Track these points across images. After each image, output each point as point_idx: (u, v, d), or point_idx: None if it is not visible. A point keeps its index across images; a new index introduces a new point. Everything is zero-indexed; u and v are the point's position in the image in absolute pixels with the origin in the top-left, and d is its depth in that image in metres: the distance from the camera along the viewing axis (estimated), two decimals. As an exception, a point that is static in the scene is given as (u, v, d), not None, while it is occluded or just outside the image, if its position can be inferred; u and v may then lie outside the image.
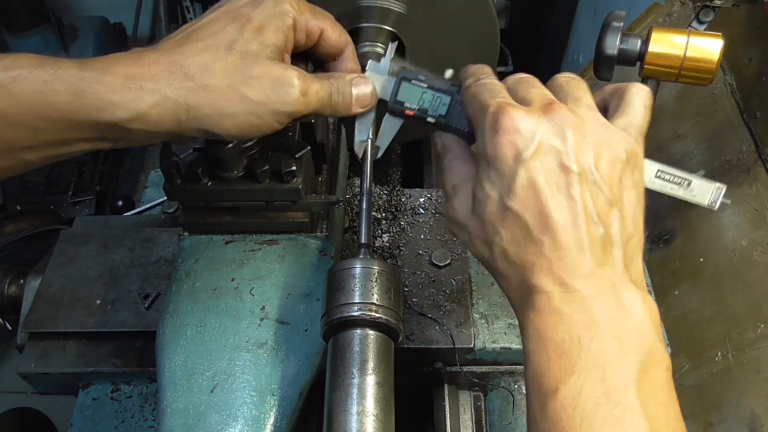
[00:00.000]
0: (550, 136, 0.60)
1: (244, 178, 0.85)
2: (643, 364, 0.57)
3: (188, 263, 0.91)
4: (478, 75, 0.70)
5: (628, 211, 0.62)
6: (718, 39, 0.84)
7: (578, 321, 0.58)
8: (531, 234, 0.60)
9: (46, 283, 1.11)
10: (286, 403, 0.81)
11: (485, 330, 1.08)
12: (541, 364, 0.59)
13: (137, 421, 1.06)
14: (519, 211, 0.60)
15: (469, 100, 0.68)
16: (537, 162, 0.59)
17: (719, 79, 1.40)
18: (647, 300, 0.61)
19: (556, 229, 0.59)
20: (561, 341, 0.58)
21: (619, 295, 0.59)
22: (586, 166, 0.60)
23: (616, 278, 0.60)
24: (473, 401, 1.12)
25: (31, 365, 1.05)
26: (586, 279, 0.59)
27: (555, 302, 0.59)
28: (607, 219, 0.60)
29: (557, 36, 2.77)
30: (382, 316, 0.74)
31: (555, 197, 0.59)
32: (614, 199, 0.61)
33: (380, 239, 1.19)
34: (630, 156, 0.62)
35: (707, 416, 1.17)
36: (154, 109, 0.63)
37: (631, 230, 0.62)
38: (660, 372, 0.59)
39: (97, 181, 2.60)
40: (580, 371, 0.56)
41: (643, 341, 0.58)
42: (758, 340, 1.14)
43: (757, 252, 1.21)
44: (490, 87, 0.67)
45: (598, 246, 0.59)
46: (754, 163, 1.28)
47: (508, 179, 0.60)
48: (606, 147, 0.61)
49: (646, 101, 0.67)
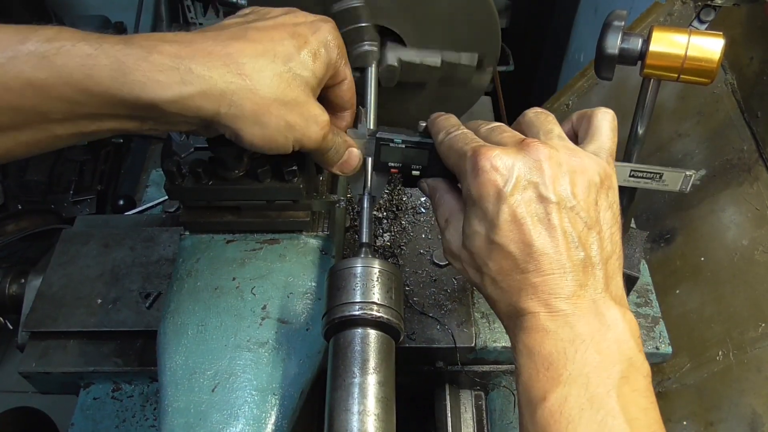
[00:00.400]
0: (526, 169, 0.64)
1: (245, 177, 0.85)
2: (623, 372, 0.61)
3: (189, 262, 0.91)
4: (447, 128, 0.74)
5: (605, 233, 0.66)
6: (719, 38, 0.83)
7: (563, 336, 0.62)
8: (517, 263, 0.64)
9: (47, 282, 1.11)
10: (287, 403, 0.81)
11: (486, 329, 1.08)
12: (530, 377, 0.63)
13: (138, 421, 1.06)
14: (504, 244, 0.64)
15: (446, 152, 0.73)
16: (517, 196, 0.63)
17: (720, 78, 1.40)
18: (627, 315, 0.65)
19: (540, 257, 0.63)
20: (548, 354, 0.62)
21: (601, 312, 0.63)
22: (564, 194, 0.64)
23: (596, 296, 0.64)
24: (474, 400, 1.13)
25: (32, 364, 1.06)
26: (569, 299, 0.63)
27: (541, 321, 0.63)
28: (586, 242, 0.64)
29: (558, 35, 2.77)
30: (383, 315, 0.74)
31: (536, 227, 0.63)
32: (592, 222, 0.65)
33: (381, 238, 1.19)
34: (603, 178, 0.67)
35: (708, 415, 1.17)
36: (200, 96, 0.63)
37: (609, 250, 0.66)
38: (640, 379, 0.62)
39: (98, 180, 2.60)
40: (566, 381, 0.61)
41: (623, 351, 0.62)
42: (759, 340, 1.14)
43: (758, 251, 1.21)
44: (462, 137, 0.71)
45: (580, 269, 0.63)
46: (755, 163, 1.27)
47: (492, 216, 0.64)
48: (580, 173, 0.65)
49: (612, 124, 0.71)
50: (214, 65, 0.64)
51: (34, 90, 0.59)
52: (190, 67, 0.63)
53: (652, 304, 1.16)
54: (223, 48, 0.65)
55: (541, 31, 2.91)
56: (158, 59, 0.62)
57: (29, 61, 0.58)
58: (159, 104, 0.62)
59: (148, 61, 0.61)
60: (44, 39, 0.59)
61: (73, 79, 0.59)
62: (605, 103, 0.79)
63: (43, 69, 0.58)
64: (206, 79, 0.63)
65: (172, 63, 0.62)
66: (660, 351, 1.11)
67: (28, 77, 0.58)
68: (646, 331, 1.13)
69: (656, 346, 1.11)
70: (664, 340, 1.11)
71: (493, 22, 1.11)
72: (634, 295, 1.17)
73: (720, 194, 1.33)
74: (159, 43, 0.63)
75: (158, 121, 0.66)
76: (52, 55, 0.58)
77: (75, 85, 0.60)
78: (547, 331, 0.63)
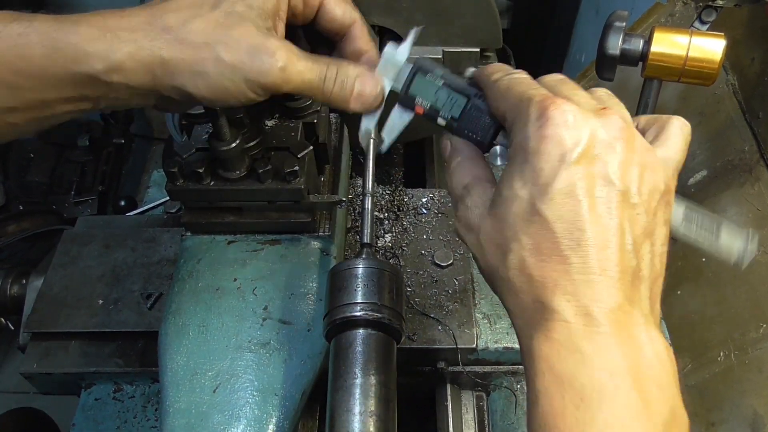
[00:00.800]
0: (600, 141, 0.53)
1: (246, 178, 0.85)
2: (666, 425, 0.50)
3: (191, 263, 0.91)
4: (507, 70, 0.63)
5: (658, 248, 0.56)
6: (720, 39, 0.84)
7: (601, 366, 0.50)
8: (559, 247, 0.52)
9: (49, 283, 1.11)
10: (289, 403, 0.81)
11: (488, 330, 1.08)
12: (554, 409, 0.51)
13: (139, 421, 1.06)
14: (550, 218, 0.52)
15: (501, 92, 0.60)
16: (582, 167, 0.52)
17: (721, 79, 1.40)
18: (669, 349, 0.54)
19: (589, 248, 0.52)
20: (580, 387, 0.50)
21: (644, 341, 0.52)
22: (630, 186, 0.53)
23: (642, 320, 0.53)
24: (476, 401, 1.12)
25: (34, 365, 1.06)
26: (613, 314, 0.51)
27: (575, 336, 0.51)
28: (640, 251, 0.54)
29: (559, 36, 2.77)
30: (384, 316, 0.74)
31: (594, 212, 0.52)
32: (650, 231, 0.55)
33: (383, 239, 1.19)
34: (667, 190, 0.57)
35: (709, 416, 1.17)
36: (129, 60, 0.61)
37: (658, 269, 0.56)
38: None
39: (99, 181, 2.60)
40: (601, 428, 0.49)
41: (666, 399, 0.51)
42: (760, 340, 1.14)
43: (760, 252, 1.21)
44: (528, 82, 0.60)
45: (629, 279, 0.52)
46: (757, 163, 1.27)
47: (546, 180, 0.53)
48: (650, 171, 0.55)
49: (688, 138, 0.62)
50: (139, 27, 0.62)
51: None
52: (117, 34, 0.61)
53: (654, 304, 1.16)
54: (149, 10, 0.63)
55: (542, 31, 2.90)
56: (86, 30, 0.61)
57: None
58: (96, 75, 0.61)
59: (77, 33, 0.60)
60: None
61: (7, 62, 0.59)
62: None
63: None
64: (131, 42, 0.61)
65: (99, 32, 0.61)
66: (661, 352, 1.11)
67: None
68: (647, 332, 1.13)
69: (657, 346, 1.11)
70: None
71: (489, 8, 1.10)
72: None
73: (721, 195, 1.33)
74: (90, 17, 0.62)
75: (108, 98, 0.64)
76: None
77: (10, 68, 0.59)
78: (583, 354, 0.50)
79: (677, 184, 0.59)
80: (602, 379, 0.50)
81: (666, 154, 0.59)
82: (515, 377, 1.11)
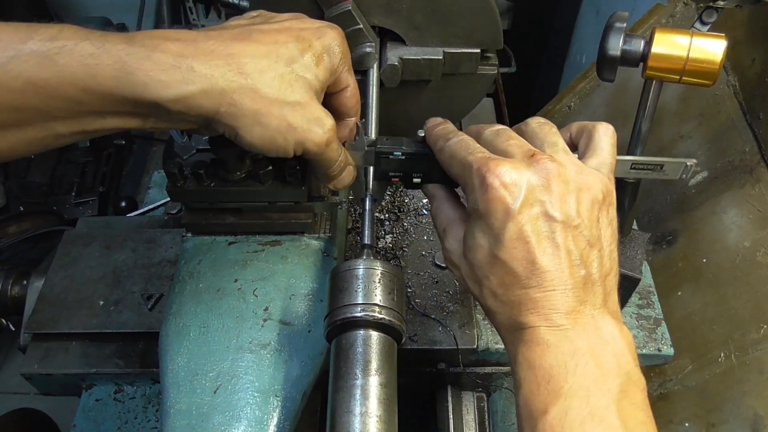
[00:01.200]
0: (535, 188, 0.64)
1: (247, 179, 0.85)
2: (622, 386, 0.62)
3: (191, 264, 0.91)
4: (446, 136, 0.73)
5: (605, 250, 0.67)
6: (721, 40, 0.83)
7: (564, 350, 0.63)
8: (519, 279, 0.64)
9: (49, 284, 1.11)
10: (289, 404, 0.81)
11: (488, 331, 1.08)
12: (531, 390, 0.63)
13: (140, 422, 1.06)
14: (507, 260, 0.64)
15: (447, 161, 0.72)
16: (525, 214, 0.63)
17: (722, 80, 1.40)
18: (623, 330, 0.66)
19: (543, 274, 0.63)
20: (549, 367, 0.62)
21: (599, 327, 0.64)
22: (569, 213, 0.64)
23: (595, 312, 0.65)
24: (476, 402, 1.12)
25: (34, 366, 1.06)
26: (569, 315, 0.64)
27: (542, 334, 0.64)
28: (588, 260, 0.65)
29: (560, 37, 2.78)
30: (385, 317, 0.74)
31: (541, 245, 0.63)
32: (594, 240, 0.65)
33: (383, 240, 1.19)
34: (605, 195, 0.67)
35: (710, 417, 1.17)
36: (201, 95, 0.63)
37: (608, 267, 0.67)
38: (637, 393, 0.63)
39: (99, 182, 2.60)
40: (567, 394, 0.61)
41: (621, 366, 0.63)
42: (761, 341, 1.14)
43: (760, 253, 1.21)
44: (464, 144, 0.70)
45: (580, 286, 0.64)
46: (757, 164, 1.27)
47: (498, 232, 0.64)
48: (586, 190, 0.65)
49: (612, 140, 0.72)
50: (216, 64, 0.64)
51: (36, 89, 0.58)
52: (192, 66, 0.62)
53: (654, 305, 1.16)
54: (226, 48, 0.65)
55: (543, 32, 2.91)
56: (161, 58, 0.61)
57: (31, 61, 0.58)
58: (161, 103, 0.62)
59: (151, 60, 0.61)
60: (46, 38, 0.59)
61: (75, 79, 0.59)
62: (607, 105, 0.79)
63: (45, 68, 0.58)
64: (207, 78, 0.63)
65: (175, 62, 0.62)
66: (662, 353, 1.11)
67: (29, 77, 0.58)
68: (648, 333, 1.13)
69: (658, 347, 1.11)
70: (666, 341, 1.11)
71: (490, 9, 1.10)
72: (636, 296, 1.17)
73: (722, 196, 1.33)
74: (162, 42, 0.62)
75: (160, 119, 0.66)
76: (54, 54, 0.58)
77: (77, 85, 0.59)
78: (548, 344, 0.63)
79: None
80: (565, 359, 0.62)
81: (598, 160, 0.69)
82: (514, 383, 1.10)
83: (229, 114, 0.65)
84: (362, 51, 1.06)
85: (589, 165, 0.68)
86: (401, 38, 1.12)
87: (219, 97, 0.64)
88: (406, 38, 1.12)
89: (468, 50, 1.14)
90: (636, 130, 0.95)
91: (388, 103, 1.15)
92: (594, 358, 0.62)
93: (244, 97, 0.65)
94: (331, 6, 1.02)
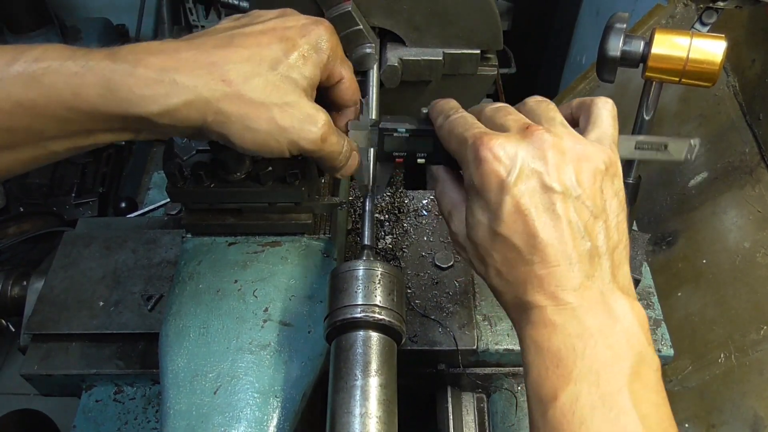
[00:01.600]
0: (530, 159, 0.62)
1: (247, 179, 0.85)
2: (634, 367, 0.60)
3: (191, 265, 0.91)
4: (446, 112, 0.73)
5: (612, 221, 0.64)
6: (721, 41, 0.84)
7: (571, 331, 0.61)
8: (521, 255, 0.63)
9: (49, 284, 1.11)
10: (289, 405, 0.81)
11: (488, 332, 1.08)
12: (539, 374, 0.62)
13: (140, 423, 1.06)
14: (508, 235, 0.63)
15: (446, 137, 0.71)
16: (521, 186, 0.62)
17: (722, 80, 1.40)
18: (635, 306, 0.63)
19: (545, 248, 0.62)
20: (557, 350, 0.61)
21: (608, 304, 0.62)
22: (569, 183, 0.62)
23: (604, 288, 0.63)
24: (476, 403, 1.12)
25: (34, 367, 1.06)
26: (576, 291, 0.62)
27: (548, 314, 0.62)
28: (592, 232, 0.62)
29: (560, 38, 2.78)
30: (385, 317, 0.74)
31: (541, 218, 0.62)
32: (598, 211, 0.63)
33: (383, 241, 1.19)
34: (608, 165, 0.65)
35: (710, 418, 1.17)
36: (185, 107, 0.64)
37: (615, 239, 0.64)
38: (650, 373, 0.61)
39: (99, 182, 2.60)
40: (576, 378, 0.59)
41: (633, 345, 0.61)
42: (761, 342, 1.14)
43: (760, 254, 1.21)
44: (462, 121, 0.69)
45: (586, 259, 0.62)
46: (757, 165, 1.27)
47: (495, 206, 0.63)
48: (585, 160, 0.63)
49: (612, 112, 0.70)
50: (199, 74, 0.64)
51: (25, 110, 0.59)
52: (175, 79, 0.63)
53: (654, 306, 1.16)
54: (208, 57, 0.65)
55: (543, 33, 2.91)
56: (143, 73, 0.62)
57: (17, 83, 0.59)
58: (148, 117, 0.63)
59: (134, 76, 0.62)
60: (32, 59, 0.60)
61: (62, 98, 0.60)
62: (607, 106, 0.78)
63: (31, 89, 0.59)
64: (191, 89, 0.63)
65: (157, 76, 0.62)
66: (662, 353, 1.11)
67: (17, 98, 0.59)
68: (648, 334, 1.13)
69: (658, 348, 1.11)
70: (666, 342, 1.11)
71: (490, 10, 1.10)
72: (636, 297, 1.17)
73: (722, 197, 1.33)
74: (145, 56, 0.63)
75: (151, 132, 0.67)
76: (39, 75, 0.59)
77: (64, 104, 0.60)
78: (555, 325, 0.61)
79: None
80: (573, 341, 0.60)
81: (599, 133, 0.67)
82: (516, 379, 1.11)
83: (217, 122, 0.66)
84: (362, 52, 1.06)
85: (590, 138, 0.67)
86: (401, 39, 1.12)
87: (204, 107, 0.65)
88: (406, 39, 1.12)
89: (468, 51, 1.14)
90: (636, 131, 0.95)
91: (388, 103, 1.15)
92: (603, 339, 0.60)
93: (230, 105, 0.65)
94: (331, 6, 1.02)
